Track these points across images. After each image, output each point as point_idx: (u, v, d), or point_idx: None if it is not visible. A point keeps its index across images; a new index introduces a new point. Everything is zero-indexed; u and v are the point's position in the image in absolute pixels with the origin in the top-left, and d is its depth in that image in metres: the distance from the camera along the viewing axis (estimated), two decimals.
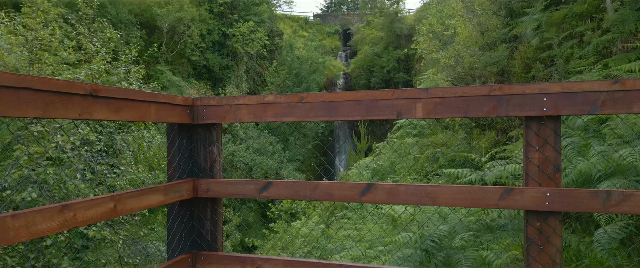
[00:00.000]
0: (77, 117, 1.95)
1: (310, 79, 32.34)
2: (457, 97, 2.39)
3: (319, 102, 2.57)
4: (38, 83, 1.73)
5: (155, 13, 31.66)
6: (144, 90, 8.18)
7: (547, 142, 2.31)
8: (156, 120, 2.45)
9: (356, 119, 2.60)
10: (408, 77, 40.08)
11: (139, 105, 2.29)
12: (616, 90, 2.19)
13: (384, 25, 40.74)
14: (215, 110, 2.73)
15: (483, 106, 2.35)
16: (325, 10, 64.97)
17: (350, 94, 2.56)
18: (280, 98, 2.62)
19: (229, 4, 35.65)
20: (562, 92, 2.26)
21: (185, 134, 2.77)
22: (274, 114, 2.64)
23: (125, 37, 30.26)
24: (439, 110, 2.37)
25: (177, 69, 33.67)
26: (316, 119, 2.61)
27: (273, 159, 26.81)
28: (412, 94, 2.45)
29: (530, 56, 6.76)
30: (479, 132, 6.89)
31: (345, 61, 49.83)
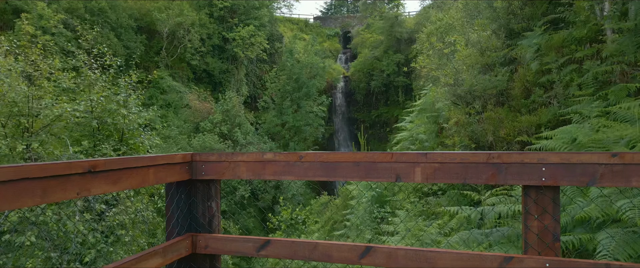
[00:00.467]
0: (75, 197, 1.95)
1: (310, 84, 32.33)
2: (455, 163, 2.39)
3: (318, 162, 2.57)
4: (37, 171, 1.73)
5: (155, 17, 31.65)
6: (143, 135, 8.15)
7: (546, 211, 2.31)
8: (155, 183, 2.45)
9: (355, 180, 2.61)
10: (408, 81, 40.04)
11: (138, 172, 2.29)
12: (615, 164, 2.19)
13: (384, 29, 40.74)
14: (214, 166, 2.73)
15: (482, 173, 2.35)
16: (325, 12, 64.97)
17: (348, 155, 2.56)
18: (279, 156, 2.62)
19: (229, 8, 35.63)
20: (561, 162, 2.26)
21: (183, 188, 2.77)
22: (273, 172, 2.64)
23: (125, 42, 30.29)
24: (438, 175, 2.37)
25: (177, 73, 33.65)
26: (315, 179, 2.61)
27: None
28: (411, 157, 2.44)
29: (530, 80, 6.76)
30: None
31: (345, 64, 49.80)
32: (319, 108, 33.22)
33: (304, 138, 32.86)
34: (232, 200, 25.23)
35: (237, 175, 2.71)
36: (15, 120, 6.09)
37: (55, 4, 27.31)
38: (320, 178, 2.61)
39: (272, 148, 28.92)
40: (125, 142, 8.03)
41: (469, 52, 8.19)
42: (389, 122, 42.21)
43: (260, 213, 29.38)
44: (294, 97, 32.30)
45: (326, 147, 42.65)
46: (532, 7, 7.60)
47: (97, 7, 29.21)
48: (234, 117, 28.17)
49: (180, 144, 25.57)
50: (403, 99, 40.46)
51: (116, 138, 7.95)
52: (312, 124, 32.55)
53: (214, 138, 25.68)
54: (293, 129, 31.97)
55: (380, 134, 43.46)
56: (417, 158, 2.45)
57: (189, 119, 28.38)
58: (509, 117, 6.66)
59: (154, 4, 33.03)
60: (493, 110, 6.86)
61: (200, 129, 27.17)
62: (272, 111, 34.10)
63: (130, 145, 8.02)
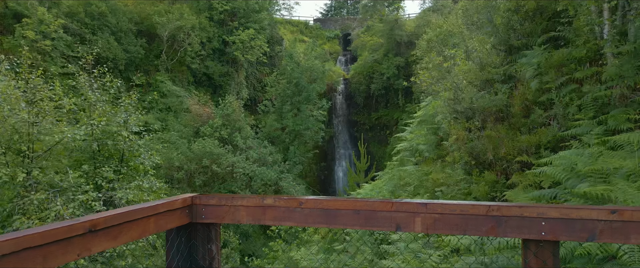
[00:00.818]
0: (76, 258, 1.96)
1: (310, 88, 32.33)
2: (455, 214, 2.40)
3: (318, 209, 2.58)
4: (38, 239, 1.73)
5: (155, 21, 31.66)
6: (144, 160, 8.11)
7: (546, 264, 2.32)
8: (155, 232, 2.45)
9: (355, 228, 2.62)
10: (408, 84, 40.01)
11: (138, 223, 2.29)
12: (614, 221, 2.20)
13: (384, 32, 40.77)
14: (214, 209, 2.73)
15: (481, 226, 2.36)
16: (325, 14, 64.96)
17: (349, 202, 2.56)
18: (279, 201, 2.62)
19: (229, 11, 35.65)
20: (560, 217, 2.27)
21: (184, 232, 2.77)
22: (273, 217, 2.64)
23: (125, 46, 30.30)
24: (438, 226, 2.38)
25: (177, 77, 33.66)
26: (315, 226, 2.62)
27: (273, 170, 26.79)
28: (411, 207, 2.45)
29: (530, 98, 6.76)
30: (478, 173, 6.90)
31: (345, 66, 49.80)
32: (319, 112, 33.23)
33: (304, 142, 32.86)
34: None
35: (237, 219, 2.72)
36: (15, 147, 6.10)
37: (55, 8, 27.30)
38: (320, 225, 2.62)
39: (271, 152, 28.92)
40: (125, 162, 8.02)
41: (468, 67, 8.19)
42: (389, 125, 42.23)
43: None
44: (294, 101, 32.31)
45: (326, 150, 42.64)
46: (531, 23, 7.61)
47: (97, 11, 29.22)
48: (234, 121, 28.18)
49: (180, 149, 25.58)
50: (403, 101, 40.49)
51: (116, 159, 7.93)
52: (312, 127, 32.56)
53: (214, 142, 25.69)
54: (293, 132, 31.98)
55: (380, 136, 43.47)
56: (417, 208, 2.46)
57: (189, 124, 28.39)
58: (509, 135, 6.67)
59: (154, 8, 33.04)
60: (493, 127, 6.86)
61: (201, 134, 27.18)
62: (272, 115, 34.12)
63: (131, 167, 8.02)
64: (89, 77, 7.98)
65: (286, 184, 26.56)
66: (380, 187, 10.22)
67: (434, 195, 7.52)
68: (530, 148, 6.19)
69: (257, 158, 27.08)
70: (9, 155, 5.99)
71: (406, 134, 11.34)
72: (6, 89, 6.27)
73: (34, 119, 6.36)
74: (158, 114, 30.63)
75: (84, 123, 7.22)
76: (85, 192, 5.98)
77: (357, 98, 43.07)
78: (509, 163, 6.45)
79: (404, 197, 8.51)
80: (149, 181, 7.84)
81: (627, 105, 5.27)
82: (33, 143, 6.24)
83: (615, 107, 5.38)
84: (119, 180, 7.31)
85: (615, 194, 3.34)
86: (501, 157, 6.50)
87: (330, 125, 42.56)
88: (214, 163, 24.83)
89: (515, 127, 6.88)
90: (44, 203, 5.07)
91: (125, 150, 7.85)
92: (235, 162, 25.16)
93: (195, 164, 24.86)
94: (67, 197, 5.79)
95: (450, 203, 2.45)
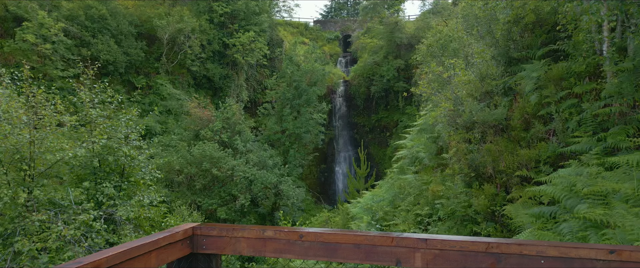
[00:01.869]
0: None
1: (310, 91, 32.33)
2: (455, 250, 2.41)
3: (318, 242, 2.59)
4: None
5: (155, 24, 31.69)
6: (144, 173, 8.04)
7: None
8: (157, 265, 2.46)
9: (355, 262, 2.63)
10: (408, 86, 40.06)
11: (139, 260, 2.30)
12: (612, 260, 2.21)
13: (384, 35, 40.77)
14: (215, 240, 2.75)
15: (481, 262, 2.37)
16: (325, 15, 64.94)
17: (349, 236, 2.58)
18: (279, 234, 2.64)
19: (229, 14, 35.66)
20: (559, 256, 2.28)
21: (185, 262, 2.78)
22: (273, 250, 2.65)
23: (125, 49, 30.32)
24: (438, 261, 2.40)
25: (177, 79, 33.69)
26: (315, 259, 2.63)
27: (273, 173, 26.79)
28: (411, 243, 2.47)
29: (529, 111, 6.77)
30: (478, 185, 6.89)
31: (345, 68, 49.79)
32: (319, 115, 33.24)
33: (303, 145, 32.87)
34: (232, 208, 25.23)
35: (238, 250, 2.73)
36: (17, 166, 6.09)
37: (55, 12, 27.31)
38: (321, 258, 2.63)
39: (272, 155, 28.92)
40: (126, 178, 8.00)
41: (468, 78, 8.20)
42: (389, 127, 42.24)
43: (261, 219, 29.37)
44: (294, 104, 32.32)
45: (326, 152, 42.64)
46: (531, 35, 7.61)
47: (97, 14, 29.23)
48: (234, 124, 28.17)
49: (180, 152, 25.58)
50: (403, 104, 40.51)
51: (118, 174, 7.90)
52: (312, 130, 32.56)
53: (214, 146, 25.68)
54: (293, 135, 31.99)
55: (380, 138, 43.47)
56: (417, 243, 2.48)
57: (189, 127, 28.39)
58: (509, 149, 6.67)
59: (155, 11, 33.07)
60: (493, 140, 6.85)
61: (201, 137, 27.17)
62: (272, 118, 34.11)
63: (131, 182, 7.99)
64: (90, 92, 7.96)
65: (286, 187, 26.56)
66: (380, 195, 10.24)
67: (434, 208, 7.53)
68: (529, 163, 6.20)
69: (257, 162, 27.08)
70: (10, 174, 5.97)
71: (407, 141, 11.36)
72: (8, 108, 6.26)
73: (35, 136, 6.35)
74: (158, 116, 30.68)
75: (84, 140, 7.21)
76: (86, 211, 5.96)
77: (357, 100, 43.08)
78: (509, 176, 6.45)
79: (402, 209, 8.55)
80: (149, 196, 7.80)
81: (626, 122, 5.27)
82: (34, 161, 6.24)
83: (614, 124, 5.38)
84: (120, 196, 7.29)
85: (614, 219, 3.34)
86: (501, 170, 6.51)
87: (330, 127, 42.56)
88: (214, 167, 24.83)
89: (514, 140, 6.88)
90: (45, 224, 5.05)
91: (125, 165, 7.85)
92: (235, 166, 25.15)
93: (195, 168, 24.85)
94: (69, 216, 5.77)
95: (450, 240, 2.46)
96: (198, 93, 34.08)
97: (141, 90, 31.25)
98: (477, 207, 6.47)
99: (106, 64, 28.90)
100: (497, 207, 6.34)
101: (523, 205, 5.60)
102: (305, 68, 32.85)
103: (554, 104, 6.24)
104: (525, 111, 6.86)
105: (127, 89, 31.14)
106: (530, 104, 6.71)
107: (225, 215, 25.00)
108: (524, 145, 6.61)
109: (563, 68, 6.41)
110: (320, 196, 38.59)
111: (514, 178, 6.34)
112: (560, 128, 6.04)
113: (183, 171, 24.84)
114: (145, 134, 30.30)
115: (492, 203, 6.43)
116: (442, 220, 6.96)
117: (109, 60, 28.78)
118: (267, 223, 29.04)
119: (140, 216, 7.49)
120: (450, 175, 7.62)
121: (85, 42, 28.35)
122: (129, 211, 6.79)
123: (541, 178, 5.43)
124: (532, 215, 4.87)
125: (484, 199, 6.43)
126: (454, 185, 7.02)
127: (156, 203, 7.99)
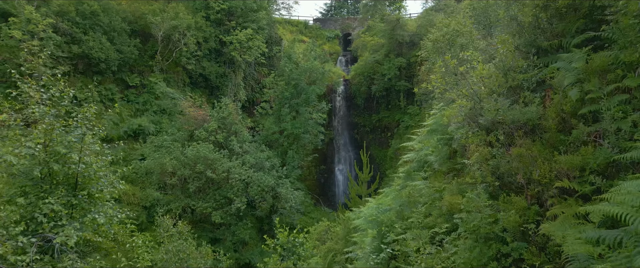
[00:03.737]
0: None
1: (309, 90, 31.27)
2: None
3: None
4: None
5: (149, 21, 30.62)
6: None
7: None
8: None
9: None
10: (410, 85, 39.07)
11: None
12: None
13: (385, 32, 39.75)
14: None
15: None
16: (325, 14, 64.00)
17: None
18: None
19: (226, 10, 34.62)
20: None
21: None
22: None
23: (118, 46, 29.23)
24: None
25: (172, 78, 32.61)
26: None
27: (270, 175, 25.76)
28: None
29: (567, 110, 5.72)
30: (505, 197, 5.83)
31: (345, 67, 48.89)
32: (318, 114, 32.18)
33: (302, 146, 31.83)
34: (228, 212, 24.19)
35: None
36: None
37: (45, 7, 26.25)
38: None
39: (269, 156, 27.89)
40: (80, 189, 6.72)
41: (488, 72, 7.16)
42: (390, 127, 41.23)
43: (258, 223, 28.32)
44: (293, 103, 31.26)
45: (325, 153, 41.61)
46: (564, 22, 6.57)
47: (89, 10, 28.16)
48: (230, 124, 27.13)
49: (173, 154, 24.55)
50: (404, 103, 39.52)
51: (69, 185, 6.61)
52: (311, 130, 31.50)
53: (208, 147, 24.64)
54: (291, 136, 30.94)
55: (381, 138, 42.46)
56: None
57: (183, 127, 27.33)
58: (543, 154, 5.63)
59: (149, 7, 31.98)
60: (522, 143, 5.81)
61: (195, 138, 26.13)
62: (270, 118, 33.07)
63: (85, 195, 6.68)
64: (37, 84, 6.75)
65: (284, 190, 25.54)
66: (386, 204, 9.21)
67: (450, 221, 6.49)
68: (572, 171, 5.15)
69: (254, 163, 26.04)
70: None
71: (414, 143, 10.35)
72: None
73: None
74: (152, 116, 29.60)
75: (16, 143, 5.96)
76: (15, 236, 4.85)
77: (358, 99, 42.11)
78: (545, 187, 5.43)
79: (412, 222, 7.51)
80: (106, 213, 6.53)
81: None
82: None
83: None
84: (71, 215, 6.07)
85: None
86: (535, 180, 5.47)
87: (330, 127, 41.60)
88: (208, 169, 23.79)
89: (548, 144, 5.82)
90: None
91: (79, 175, 6.56)
92: (231, 168, 24.11)
93: (189, 170, 23.81)
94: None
95: None
96: (194, 92, 33.04)
97: (135, 90, 30.23)
98: (506, 223, 5.45)
99: (98, 61, 27.87)
100: (531, 224, 5.32)
101: (566, 222, 4.58)
102: (304, 66, 31.78)
103: (603, 100, 5.20)
104: (562, 109, 5.84)
105: (121, 88, 30.12)
106: (569, 100, 5.68)
107: (220, 219, 23.97)
108: (563, 149, 5.58)
109: (608, 58, 5.39)
110: (320, 198, 37.59)
111: (551, 190, 5.32)
112: (611, 129, 5.03)
113: (176, 173, 23.80)
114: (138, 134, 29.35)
115: (525, 219, 5.41)
116: (462, 237, 5.93)
117: (101, 58, 27.72)
118: (265, 227, 28.00)
119: (92, 239, 6.30)
120: (470, 184, 6.60)
121: (76, 39, 27.29)
122: (73, 235, 5.55)
123: (587, 190, 4.44)
124: (587, 241, 3.86)
125: (514, 214, 5.41)
126: (474, 195, 6.00)
127: (117, 220, 6.81)
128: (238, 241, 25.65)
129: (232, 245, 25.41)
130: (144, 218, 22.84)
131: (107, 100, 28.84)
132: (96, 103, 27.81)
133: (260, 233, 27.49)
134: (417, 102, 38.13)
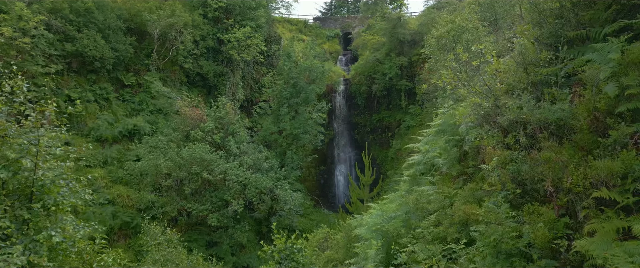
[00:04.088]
0: None
1: (309, 89, 30.53)
2: None
3: None
4: None
5: (145, 19, 29.91)
6: None
7: None
8: None
9: None
10: (411, 84, 38.43)
11: None
12: None
13: (386, 31, 39.04)
14: None
15: None
16: (325, 12, 63.33)
17: None
18: None
19: (224, 8, 33.90)
20: None
21: None
22: None
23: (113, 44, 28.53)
24: None
25: (169, 77, 31.92)
26: None
27: (268, 177, 25.04)
28: None
29: (601, 108, 5.03)
30: (529, 208, 5.14)
31: (345, 66, 48.26)
32: (318, 114, 31.44)
33: (302, 146, 31.11)
34: (225, 214, 23.48)
35: None
36: None
37: (37, 4, 25.54)
38: None
39: (268, 157, 27.17)
40: (37, 200, 5.86)
41: (506, 66, 6.48)
42: (391, 127, 40.57)
43: (257, 225, 27.60)
44: (292, 102, 30.51)
45: (325, 153, 40.92)
46: (591, 10, 5.88)
47: (83, 8, 27.44)
48: (227, 124, 26.40)
49: (168, 154, 23.83)
50: (406, 103, 38.86)
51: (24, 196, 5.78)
52: (310, 131, 30.77)
53: (205, 147, 23.92)
54: (290, 136, 30.21)
55: (382, 139, 41.79)
56: None
57: (179, 127, 26.59)
58: (574, 159, 4.94)
59: (145, 4, 31.26)
60: (548, 145, 5.12)
61: (191, 138, 25.40)
62: (269, 118, 32.33)
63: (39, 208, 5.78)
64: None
65: (283, 192, 24.83)
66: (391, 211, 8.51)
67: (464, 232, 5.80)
68: (611, 179, 4.47)
69: (252, 164, 25.32)
70: None
71: (420, 144, 9.67)
72: None
73: None
74: (148, 116, 28.91)
75: None
76: None
77: (358, 99, 41.45)
78: (578, 197, 4.73)
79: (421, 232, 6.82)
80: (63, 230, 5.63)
81: None
82: None
83: None
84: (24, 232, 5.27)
85: None
86: (566, 189, 4.79)
87: (330, 127, 40.93)
88: (205, 170, 23.07)
89: (580, 147, 5.12)
90: None
91: (35, 185, 5.73)
92: (228, 169, 23.40)
93: (184, 171, 23.10)
94: None
95: None
96: (191, 92, 32.31)
97: (131, 89, 29.54)
98: (534, 238, 4.76)
99: (92, 60, 27.17)
100: (560, 239, 4.62)
101: (607, 239, 3.91)
102: (303, 65, 31.05)
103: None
104: (595, 107, 5.15)
105: (116, 87, 29.45)
106: (604, 96, 5.00)
107: (217, 222, 23.26)
108: (597, 154, 4.89)
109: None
110: (320, 199, 36.91)
111: (585, 200, 4.63)
112: None
113: (172, 175, 23.09)
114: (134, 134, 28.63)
115: (553, 233, 4.71)
116: (480, 253, 5.24)
117: (96, 56, 27.02)
118: (263, 229, 27.31)
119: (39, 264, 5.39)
120: (488, 191, 5.91)
121: (70, 37, 26.58)
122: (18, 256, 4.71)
123: (630, 201, 3.78)
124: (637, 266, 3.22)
125: (543, 228, 4.71)
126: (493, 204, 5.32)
127: (82, 235, 6.00)
128: (235, 244, 24.94)
129: (230, 249, 24.71)
130: (138, 221, 22.16)
131: (101, 99, 28.19)
132: (91, 102, 27.23)
133: (258, 236, 26.80)
134: (418, 101, 37.47)
